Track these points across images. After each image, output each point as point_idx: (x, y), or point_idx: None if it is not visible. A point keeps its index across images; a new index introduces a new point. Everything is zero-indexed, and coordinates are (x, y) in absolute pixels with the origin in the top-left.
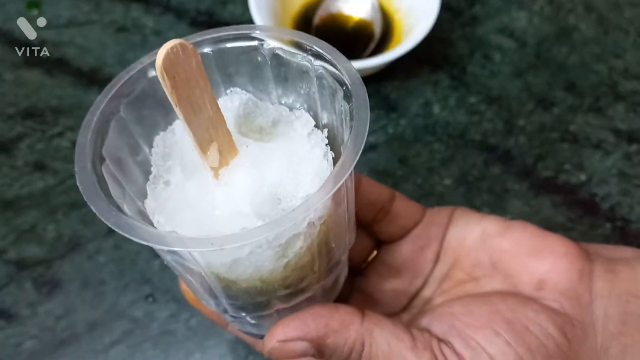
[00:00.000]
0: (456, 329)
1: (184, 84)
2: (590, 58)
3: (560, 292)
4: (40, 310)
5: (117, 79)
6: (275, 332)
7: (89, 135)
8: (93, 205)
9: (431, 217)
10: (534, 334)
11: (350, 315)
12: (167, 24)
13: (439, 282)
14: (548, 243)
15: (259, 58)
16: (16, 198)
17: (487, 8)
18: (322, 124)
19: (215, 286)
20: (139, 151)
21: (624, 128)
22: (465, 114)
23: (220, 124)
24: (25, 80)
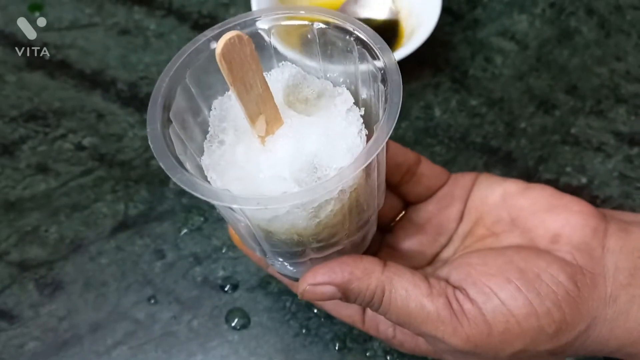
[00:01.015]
0: (471, 277)
1: (238, 67)
2: (591, 61)
3: (574, 245)
4: (43, 312)
5: (184, 49)
6: (307, 277)
7: (159, 100)
8: (162, 163)
9: (456, 180)
10: (544, 281)
11: (373, 264)
12: (170, 27)
13: (462, 239)
14: (564, 201)
15: (309, 36)
16: (19, 200)
17: (488, 11)
18: (361, 100)
19: (258, 235)
20: (199, 113)
21: (625, 131)
22: (466, 116)
23: (268, 99)
24: (27, 82)
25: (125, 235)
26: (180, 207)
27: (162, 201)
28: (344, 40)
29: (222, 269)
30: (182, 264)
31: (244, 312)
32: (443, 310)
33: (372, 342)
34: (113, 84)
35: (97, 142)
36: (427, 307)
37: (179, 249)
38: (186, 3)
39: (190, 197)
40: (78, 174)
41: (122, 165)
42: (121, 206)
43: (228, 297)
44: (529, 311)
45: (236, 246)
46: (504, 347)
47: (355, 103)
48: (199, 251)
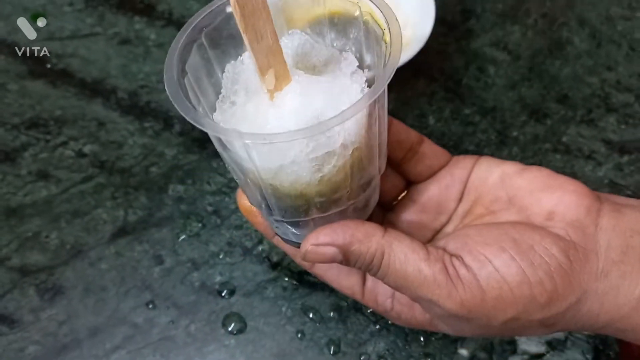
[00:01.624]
0: (467, 246)
1: (250, 14)
2: (582, 71)
3: (567, 222)
4: (43, 316)
5: (201, 11)
6: (310, 237)
7: (176, 52)
8: (177, 103)
9: (457, 161)
10: (537, 252)
11: (374, 228)
12: (170, 37)
13: (461, 218)
14: (560, 181)
15: (317, 6)
16: (20, 206)
17: (482, 22)
18: (365, 65)
19: (265, 188)
20: (213, 74)
21: (615, 139)
22: (460, 125)
23: (278, 53)
24: (29, 90)
25: (125, 241)
26: (179, 213)
27: (161, 208)
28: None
29: (219, 274)
30: (180, 270)
31: (241, 317)
32: (439, 274)
33: (366, 347)
34: (113, 93)
35: (97, 149)
36: (424, 271)
37: (177, 255)
38: (186, 13)
39: (188, 204)
40: (78, 180)
41: (122, 172)
42: (121, 212)
43: (225, 302)
44: (522, 279)
45: (233, 252)
46: (497, 313)
47: (360, 67)
48: (197, 257)
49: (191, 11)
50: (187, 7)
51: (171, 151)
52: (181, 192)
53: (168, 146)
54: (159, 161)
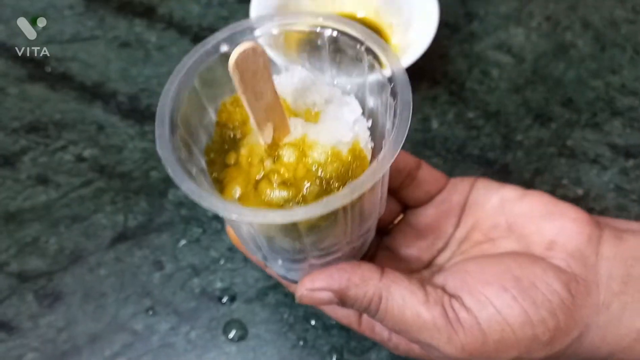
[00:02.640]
0: (467, 285)
1: (250, 77)
2: (587, 74)
3: (568, 252)
4: (42, 323)
5: (193, 51)
6: (305, 281)
7: (167, 105)
8: (170, 171)
9: (454, 185)
10: (540, 289)
11: (370, 272)
12: (170, 40)
13: (459, 244)
14: (561, 209)
15: (319, 42)
16: (19, 211)
17: (485, 25)
18: (367, 109)
19: (260, 241)
20: (205, 115)
21: (620, 143)
22: (463, 129)
23: (277, 108)
24: (29, 94)
25: (125, 246)
26: (179, 218)
27: (161, 213)
28: (354, 49)
29: (220, 280)
30: (181, 276)
31: (242, 323)
32: (439, 318)
33: (369, 354)
34: (114, 97)
35: (97, 153)
36: (423, 315)
37: (177, 261)
38: (186, 16)
39: (189, 209)
40: (78, 185)
41: (121, 176)
42: (120, 217)
43: (226, 308)
44: (524, 320)
45: (234, 258)
46: (499, 355)
47: (362, 109)
48: (197, 263)
49: (191, 14)
50: (188, 10)
51: None
52: (182, 197)
53: None
54: (159, 165)
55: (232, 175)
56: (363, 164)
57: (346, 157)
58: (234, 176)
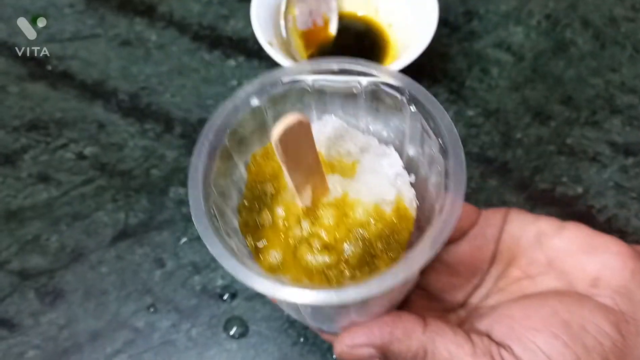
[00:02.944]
0: (515, 333)
1: (293, 148)
2: (586, 72)
3: (614, 289)
4: (43, 320)
5: (222, 108)
6: (345, 338)
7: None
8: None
9: (486, 219)
10: (590, 333)
11: (413, 324)
12: (170, 38)
13: (495, 280)
14: (602, 242)
15: (354, 90)
16: (20, 209)
17: (484, 23)
18: (406, 156)
19: (304, 309)
20: (235, 171)
21: (620, 141)
22: (463, 127)
23: (317, 171)
24: (29, 93)
25: (126, 244)
26: (180, 216)
27: (162, 210)
28: (394, 98)
29: (220, 277)
30: (182, 273)
31: (243, 320)
32: None
33: None
34: (114, 95)
35: (98, 151)
36: None
37: (178, 258)
38: (187, 15)
39: (189, 207)
40: (79, 183)
41: (122, 174)
42: (121, 215)
43: (226, 305)
44: None
45: None
46: None
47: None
48: (198, 260)
49: (191, 12)
50: (188, 8)
51: (172, 153)
52: (182, 195)
53: (169, 148)
54: (159, 163)
55: (268, 237)
56: (408, 224)
57: (390, 218)
58: (271, 239)
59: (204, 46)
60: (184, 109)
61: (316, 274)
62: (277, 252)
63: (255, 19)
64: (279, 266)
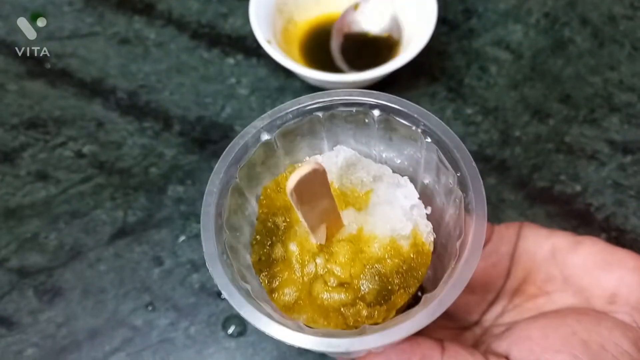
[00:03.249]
0: (535, 355)
1: (308, 195)
2: (585, 70)
3: (632, 305)
4: (42, 318)
5: (233, 145)
6: None
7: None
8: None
9: (500, 234)
10: (609, 352)
11: (431, 350)
12: (169, 36)
13: (511, 296)
14: (618, 257)
15: (367, 120)
16: (18, 207)
17: (483, 21)
18: (421, 184)
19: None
20: (247, 206)
21: (618, 139)
22: (461, 125)
23: (332, 211)
24: (28, 91)
25: (124, 242)
26: (178, 214)
27: (161, 208)
28: (408, 129)
29: None
30: (180, 271)
31: (241, 319)
32: None
33: None
34: (113, 93)
35: (96, 149)
36: None
37: (176, 256)
38: (185, 13)
39: (188, 205)
40: (78, 181)
41: (121, 172)
42: (120, 213)
43: (225, 304)
44: None
45: None
46: None
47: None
48: (197, 258)
49: (190, 10)
50: (187, 6)
51: (171, 151)
52: (181, 193)
53: (167, 146)
54: (158, 162)
55: (282, 274)
56: (426, 259)
57: (407, 253)
58: (285, 276)
59: (203, 44)
60: (182, 107)
61: (332, 312)
62: (292, 289)
63: (254, 17)
64: (293, 304)
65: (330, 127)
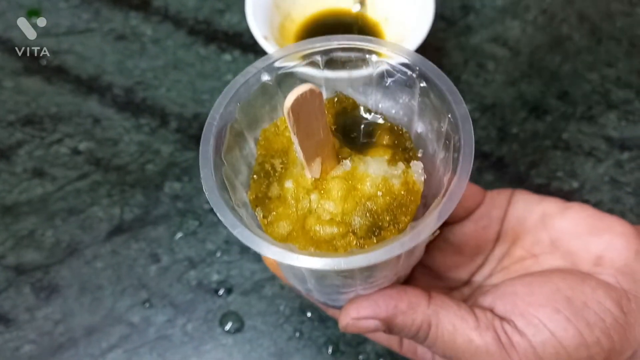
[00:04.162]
0: (518, 308)
1: (304, 119)
2: (582, 67)
3: (617, 268)
4: (39, 315)
5: (234, 82)
6: (350, 310)
7: (211, 142)
8: (221, 216)
9: (492, 199)
10: (592, 309)
11: (418, 297)
12: (166, 32)
13: (499, 260)
14: (606, 223)
15: (364, 67)
16: (15, 204)
17: (481, 18)
18: (415, 133)
19: (309, 280)
20: (245, 146)
21: (616, 136)
22: None
23: (327, 144)
24: (25, 87)
25: (121, 239)
26: (175, 211)
27: (157, 205)
28: (405, 75)
29: (216, 272)
30: (177, 268)
31: (238, 315)
32: (492, 344)
33: (365, 346)
34: (109, 89)
35: (93, 146)
36: (475, 341)
37: (173, 253)
38: (182, 9)
39: (185, 202)
40: (74, 178)
41: (117, 169)
42: (117, 210)
43: (222, 300)
44: (579, 342)
45: (230, 251)
46: None
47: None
48: (194, 255)
49: (187, 7)
50: (183, 2)
51: (167, 148)
52: (177, 190)
53: (164, 143)
54: (155, 158)
55: (277, 210)
56: (416, 197)
57: (399, 191)
58: (280, 211)
59: (200, 40)
60: (179, 104)
61: (324, 244)
62: (286, 223)
63: (251, 13)
64: (287, 237)
65: (329, 73)
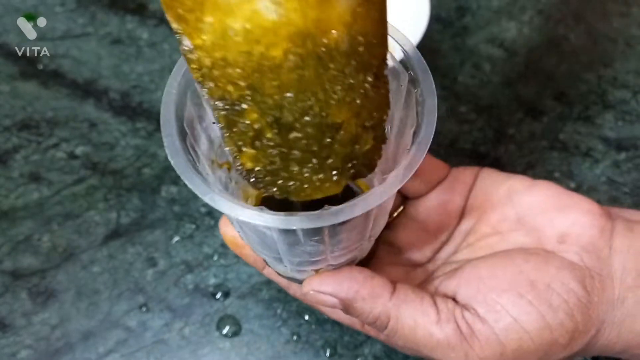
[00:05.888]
0: (481, 293)
1: None
2: (579, 67)
3: (581, 245)
4: (35, 320)
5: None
6: (314, 281)
7: (172, 110)
8: (189, 183)
9: (456, 175)
10: (556, 290)
11: (381, 288)
12: (162, 36)
13: (464, 236)
14: (573, 200)
15: None
16: (11, 209)
17: (477, 19)
18: None
19: (281, 247)
20: (205, 117)
21: (612, 136)
22: (455, 123)
23: None
24: (21, 92)
25: (118, 243)
26: (172, 215)
27: (154, 209)
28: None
29: (213, 276)
30: (174, 272)
31: (235, 319)
32: (453, 336)
33: (362, 349)
34: (105, 94)
35: (89, 151)
36: (435, 334)
37: (170, 257)
38: None
39: (181, 205)
40: (71, 182)
41: (114, 173)
42: (113, 214)
43: (219, 304)
44: (542, 325)
45: (227, 254)
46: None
47: None
48: (191, 259)
49: None
50: None
51: (164, 152)
52: (174, 194)
53: (161, 147)
54: (151, 162)
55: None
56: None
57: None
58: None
59: None
60: None
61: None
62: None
63: None
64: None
65: None
